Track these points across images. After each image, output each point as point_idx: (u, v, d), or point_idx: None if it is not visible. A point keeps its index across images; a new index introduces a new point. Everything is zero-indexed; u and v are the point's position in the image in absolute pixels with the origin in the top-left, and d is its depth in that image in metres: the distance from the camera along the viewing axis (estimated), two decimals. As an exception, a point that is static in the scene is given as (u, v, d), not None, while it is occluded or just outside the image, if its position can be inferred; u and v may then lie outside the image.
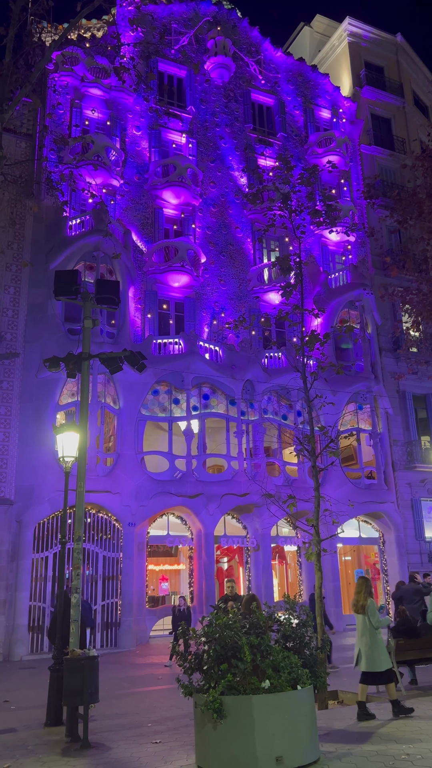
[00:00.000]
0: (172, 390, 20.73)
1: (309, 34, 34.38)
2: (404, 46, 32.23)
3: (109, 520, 19.03)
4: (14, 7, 9.90)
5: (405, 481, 24.44)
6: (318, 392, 15.53)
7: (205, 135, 25.58)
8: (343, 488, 21.67)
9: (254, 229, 25.09)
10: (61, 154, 21.84)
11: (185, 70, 25.77)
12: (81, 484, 8.84)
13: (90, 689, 7.40)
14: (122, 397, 19.78)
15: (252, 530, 21.14)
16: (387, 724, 7.44)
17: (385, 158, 29.37)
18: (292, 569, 22.78)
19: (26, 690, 11.86)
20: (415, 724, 7.36)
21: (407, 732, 6.94)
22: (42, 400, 18.79)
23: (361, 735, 6.92)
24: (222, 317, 23.26)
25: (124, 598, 18.28)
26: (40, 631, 17.35)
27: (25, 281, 20.01)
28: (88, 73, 23.26)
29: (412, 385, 25.86)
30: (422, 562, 23.44)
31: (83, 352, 9.39)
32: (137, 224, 23.08)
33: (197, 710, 5.63)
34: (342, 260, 26.88)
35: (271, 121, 27.70)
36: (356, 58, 30.70)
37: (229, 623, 5.79)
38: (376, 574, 23.67)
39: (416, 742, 6.48)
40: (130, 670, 14.17)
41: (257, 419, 21.51)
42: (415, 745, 6.33)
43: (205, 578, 19.37)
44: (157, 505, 19.40)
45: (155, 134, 24.35)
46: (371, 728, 7.24)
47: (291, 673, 5.57)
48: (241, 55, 27.23)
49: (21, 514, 17.82)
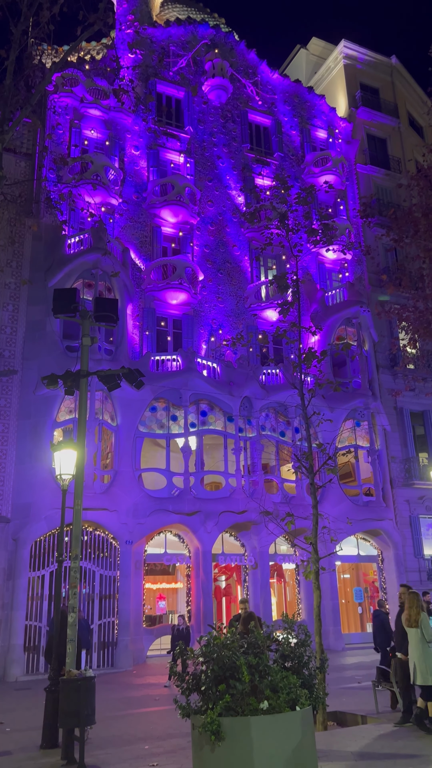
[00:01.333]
0: (170, 407, 20.73)
1: (305, 57, 34.94)
2: (399, 68, 32.77)
3: (106, 538, 18.92)
4: (15, 30, 10.08)
5: (403, 498, 24.38)
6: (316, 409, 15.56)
7: (203, 155, 25.88)
8: (341, 505, 21.60)
9: (252, 248, 25.29)
10: (60, 173, 22.07)
11: (183, 92, 26.14)
12: (78, 502, 8.81)
13: (86, 711, 7.32)
14: (120, 414, 19.78)
15: (250, 548, 21.02)
16: (387, 744, 7.36)
17: (381, 177, 29.71)
18: (291, 587, 22.62)
19: (22, 711, 11.71)
20: (414, 745, 7.28)
21: (406, 752, 6.86)
22: (40, 417, 18.77)
23: (361, 755, 6.84)
24: (220, 334, 23.35)
25: (121, 617, 18.10)
26: (36, 651, 17.15)
27: (24, 299, 20.10)
28: (87, 94, 23.58)
29: (410, 401, 25.91)
30: (421, 580, 23.30)
31: (81, 369, 9.42)
32: (136, 242, 23.25)
33: (195, 732, 5.56)
34: (339, 278, 27.08)
35: (268, 141, 28.05)
36: (352, 80, 31.18)
37: (227, 643, 5.75)
38: (375, 592, 23.50)
39: (414, 763, 6.41)
40: (127, 691, 14.00)
41: (255, 436, 21.50)
42: (414, 766, 6.26)
43: (203, 597, 19.21)
44: (155, 522, 19.30)
45: (153, 154, 24.64)
46: (371, 748, 7.15)
47: (289, 694, 5.51)
48: (238, 77, 27.65)
49: (18, 531, 17.71)
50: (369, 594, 23.71)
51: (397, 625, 9.09)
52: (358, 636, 22.34)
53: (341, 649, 20.27)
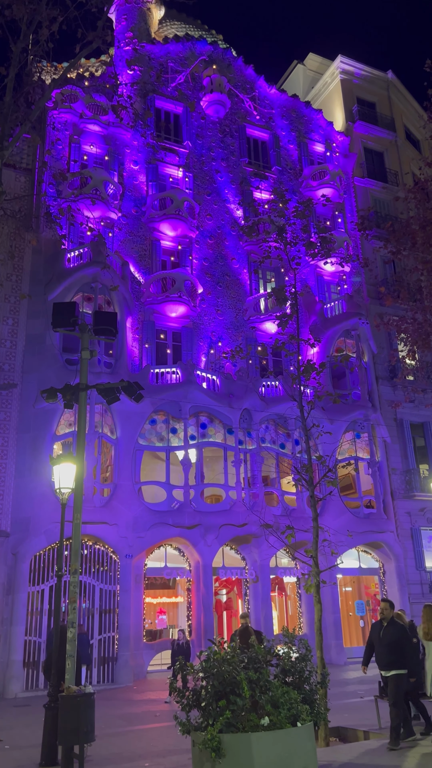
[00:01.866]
0: (169, 419, 20.72)
1: (302, 72, 35.31)
2: (395, 82, 33.11)
3: (106, 552, 18.82)
4: (15, 48, 10.20)
5: (404, 510, 24.29)
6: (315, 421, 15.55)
7: (202, 169, 26.08)
8: (342, 518, 21.51)
9: (250, 260, 25.41)
10: (59, 188, 22.23)
11: (182, 107, 26.39)
12: (77, 516, 8.78)
13: (86, 728, 7.25)
14: (119, 426, 19.76)
15: (251, 561, 20.90)
16: (390, 761, 7.28)
17: (379, 190, 29.92)
18: (292, 601, 22.47)
19: (21, 728, 11.58)
20: (418, 761, 7.20)
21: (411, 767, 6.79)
22: (39, 430, 18.75)
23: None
24: (219, 347, 23.40)
25: (121, 631, 17.97)
26: (36, 667, 17.01)
27: (23, 312, 20.16)
28: (86, 110, 23.82)
29: (410, 413, 25.89)
30: (423, 592, 23.15)
31: (80, 382, 9.44)
32: (135, 256, 23.37)
33: (195, 749, 5.51)
34: (337, 290, 27.18)
35: (266, 155, 28.28)
36: (348, 95, 31.49)
37: (227, 658, 5.71)
38: (376, 606, 23.34)
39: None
40: (127, 707, 13.86)
41: (255, 448, 21.46)
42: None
43: (204, 611, 19.08)
44: (155, 536, 19.21)
45: (152, 168, 24.83)
46: (374, 765, 7.07)
47: (290, 710, 5.47)
48: (236, 92, 27.93)
49: (17, 546, 17.62)
50: (371, 607, 23.55)
51: (374, 638, 8.88)
52: (360, 650, 22.13)
53: (343, 663, 20.10)
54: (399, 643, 8.46)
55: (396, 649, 8.42)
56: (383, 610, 8.82)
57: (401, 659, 8.42)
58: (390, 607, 8.85)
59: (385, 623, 8.68)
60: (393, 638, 8.51)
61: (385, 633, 8.61)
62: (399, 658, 8.41)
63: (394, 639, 8.50)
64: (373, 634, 8.80)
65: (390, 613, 8.81)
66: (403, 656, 8.43)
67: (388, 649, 8.47)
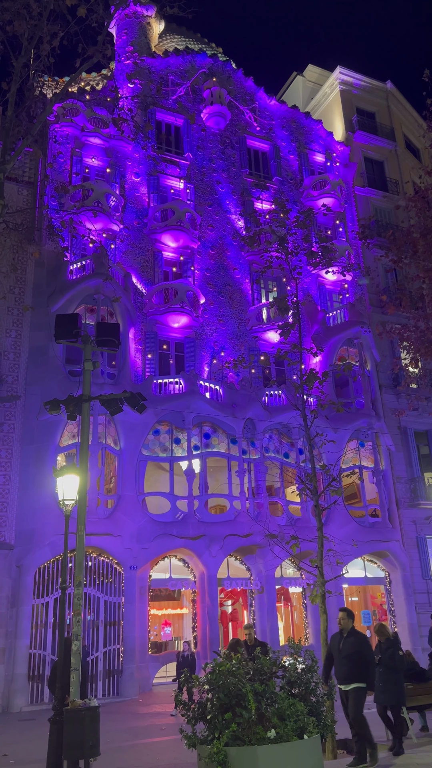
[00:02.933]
0: (173, 430, 20.70)
1: (302, 83, 35.57)
2: (394, 92, 33.32)
3: (111, 564, 18.75)
4: (16, 63, 10.30)
5: (410, 518, 24.16)
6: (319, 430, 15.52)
7: (203, 180, 26.23)
8: (347, 527, 21.40)
9: (252, 270, 25.48)
10: (61, 201, 22.37)
11: (182, 119, 26.59)
12: (81, 528, 8.76)
13: (90, 742, 7.19)
14: (123, 437, 19.75)
15: (256, 572, 20.79)
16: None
17: (379, 199, 30.02)
18: (298, 611, 22.32)
19: (25, 743, 11.49)
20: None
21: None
22: (42, 442, 18.75)
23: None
24: (222, 356, 23.41)
25: (126, 644, 17.86)
26: (41, 680, 16.90)
27: (26, 324, 20.23)
28: (88, 123, 24.01)
29: (413, 421, 25.82)
30: (430, 602, 22.98)
31: (83, 394, 9.45)
32: (137, 267, 23.46)
33: (201, 762, 5.46)
34: (339, 299, 27.21)
35: (266, 165, 28.43)
36: (348, 105, 31.69)
37: (232, 670, 5.66)
38: (383, 615, 23.16)
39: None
40: (133, 721, 13.75)
41: (259, 458, 21.41)
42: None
43: (209, 622, 18.96)
44: (159, 547, 19.14)
45: (154, 180, 24.98)
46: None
47: (297, 722, 5.42)
48: (236, 104, 28.13)
49: (21, 558, 17.57)
50: (377, 617, 23.37)
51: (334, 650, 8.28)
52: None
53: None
54: (359, 654, 7.98)
55: (356, 662, 7.95)
56: (341, 620, 8.34)
57: (361, 672, 7.93)
58: (348, 616, 8.36)
59: (345, 634, 8.22)
60: (352, 650, 8.01)
61: (345, 644, 8.11)
62: (359, 670, 7.94)
63: (353, 650, 8.00)
64: (333, 646, 8.32)
65: (348, 623, 8.31)
66: (364, 669, 7.94)
67: (348, 661, 7.99)
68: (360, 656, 7.94)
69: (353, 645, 8.02)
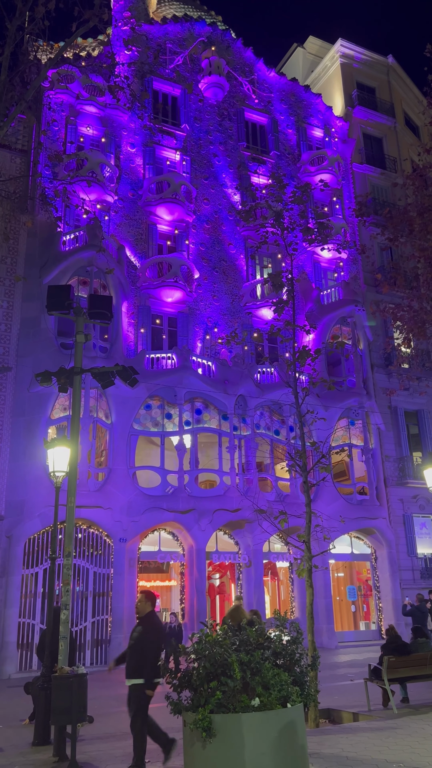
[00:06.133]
0: (164, 405, 20.72)
1: (302, 55, 34.91)
2: (395, 67, 32.78)
3: (100, 536, 18.90)
4: (10, 26, 10.04)
5: (397, 497, 24.44)
6: (310, 408, 15.57)
7: (199, 152, 25.84)
8: (335, 504, 21.64)
9: (247, 246, 25.29)
10: (55, 170, 22.01)
11: (180, 89, 26.09)
12: (72, 500, 8.80)
13: (78, 708, 7.31)
14: (114, 411, 19.75)
15: (244, 546, 21.04)
16: (379, 742, 7.39)
17: (377, 177, 29.74)
18: (285, 586, 22.66)
19: (14, 708, 11.69)
20: (405, 742, 7.31)
21: (397, 750, 6.89)
22: (34, 414, 18.73)
23: (351, 754, 6.87)
24: (215, 332, 23.35)
25: (115, 614, 18.11)
26: (30, 648, 17.15)
27: (18, 295, 20.05)
28: (83, 90, 23.51)
29: (404, 401, 25.96)
30: (414, 579, 23.38)
31: (75, 366, 9.41)
32: (131, 240, 23.22)
33: (186, 729, 5.57)
34: (334, 277, 27.10)
35: (264, 139, 28.03)
36: (348, 79, 31.18)
37: (219, 640, 5.76)
38: (368, 591, 23.56)
39: (405, 760, 6.44)
40: (120, 689, 13.96)
41: (249, 434, 21.51)
42: (405, 763, 6.29)
43: (197, 595, 19.23)
44: (149, 520, 19.30)
45: (149, 151, 24.59)
46: (362, 746, 7.18)
47: (281, 691, 5.53)
48: (234, 75, 27.61)
49: (11, 529, 17.68)
50: (362, 592, 23.78)
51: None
52: (351, 634, 22.41)
53: (334, 647, 20.32)
54: (141, 645, 6.84)
55: (137, 653, 6.85)
56: (137, 603, 7.23)
57: (140, 666, 6.79)
58: (145, 599, 7.15)
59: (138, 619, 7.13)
60: (135, 639, 6.93)
61: (132, 632, 7.06)
62: (138, 664, 6.82)
63: (136, 641, 6.91)
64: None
65: (144, 606, 7.07)
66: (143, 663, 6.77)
67: (131, 651, 6.94)
68: (141, 647, 6.83)
69: (139, 633, 6.94)
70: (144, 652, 6.79)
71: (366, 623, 23.22)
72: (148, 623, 7.00)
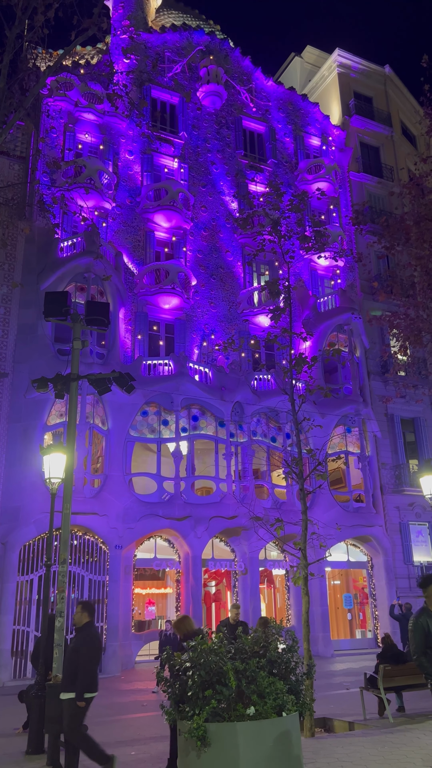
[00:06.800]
0: (161, 411, 20.71)
1: (299, 64, 35.15)
2: (392, 77, 33.02)
3: (96, 543, 18.84)
4: (10, 34, 10.08)
5: (393, 504, 24.44)
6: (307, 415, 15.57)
7: (197, 160, 25.96)
8: (331, 511, 21.62)
9: (244, 253, 25.36)
10: (53, 176, 22.07)
11: (178, 97, 26.22)
12: (67, 506, 8.78)
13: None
14: (111, 418, 19.73)
15: (240, 553, 20.99)
16: (375, 751, 7.36)
17: (374, 185, 29.89)
18: (281, 593, 22.60)
19: (8, 717, 11.61)
20: (401, 752, 7.28)
21: (393, 759, 6.86)
22: (30, 420, 18.69)
23: (346, 763, 6.83)
24: (212, 339, 23.37)
25: (110, 622, 18.02)
26: (24, 656, 17.04)
27: (15, 301, 20.05)
28: (82, 98, 23.61)
29: (400, 408, 26.00)
30: (410, 586, 23.33)
31: (72, 372, 9.40)
32: (129, 246, 23.27)
33: (181, 738, 5.54)
34: (331, 285, 27.18)
35: (261, 147, 28.17)
36: (345, 88, 31.39)
37: (214, 648, 5.74)
38: (364, 599, 23.51)
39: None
40: (115, 697, 13.93)
41: (246, 441, 21.50)
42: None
43: (193, 602, 19.16)
44: (145, 527, 19.25)
45: (147, 159, 24.69)
46: (358, 756, 7.15)
47: (276, 700, 5.50)
48: (233, 84, 27.78)
49: (6, 535, 17.61)
50: (359, 600, 23.73)
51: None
52: (348, 642, 22.34)
53: (330, 656, 20.25)
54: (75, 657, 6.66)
55: (71, 666, 6.65)
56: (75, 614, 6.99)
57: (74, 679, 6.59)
58: (82, 609, 6.91)
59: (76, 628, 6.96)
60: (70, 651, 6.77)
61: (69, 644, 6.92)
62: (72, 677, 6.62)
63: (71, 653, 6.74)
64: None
65: (81, 618, 6.86)
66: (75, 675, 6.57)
67: (66, 664, 6.76)
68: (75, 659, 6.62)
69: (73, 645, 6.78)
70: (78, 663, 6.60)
71: (362, 631, 23.16)
72: (83, 635, 6.82)
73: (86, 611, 6.89)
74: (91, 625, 6.90)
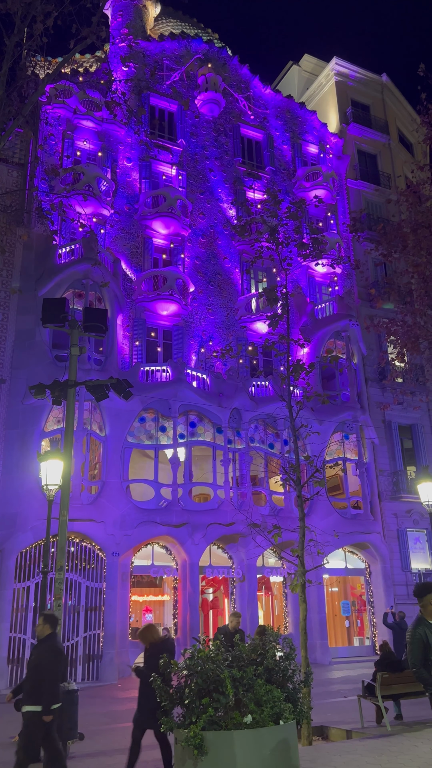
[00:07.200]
0: (159, 417, 20.69)
1: (297, 73, 35.37)
2: (389, 85, 33.24)
3: (93, 550, 18.77)
4: (9, 42, 10.14)
5: (391, 511, 24.41)
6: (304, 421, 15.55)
7: (195, 167, 26.06)
8: (329, 518, 21.58)
9: (242, 260, 25.43)
10: (52, 183, 22.14)
11: (176, 105, 26.35)
12: (64, 513, 8.76)
13: (68, 725, 7.23)
14: (108, 424, 19.71)
15: (237, 561, 20.93)
16: (372, 760, 7.32)
17: (371, 193, 30.02)
18: (278, 600, 22.52)
19: (3, 725, 11.53)
20: (399, 760, 7.24)
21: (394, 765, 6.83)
22: (27, 426, 18.67)
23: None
24: (210, 346, 23.40)
25: (107, 629, 17.94)
26: (20, 663, 16.94)
27: (13, 308, 20.07)
28: (80, 105, 23.72)
29: (398, 415, 26.02)
30: (408, 593, 23.27)
31: (69, 379, 9.41)
32: (127, 253, 23.32)
33: (178, 746, 5.52)
34: (328, 291, 27.26)
35: (259, 155, 28.31)
36: (343, 97, 31.58)
37: (211, 656, 5.72)
38: (362, 606, 23.44)
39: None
40: (112, 705, 13.85)
41: (244, 448, 21.48)
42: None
43: (190, 609, 19.08)
44: (142, 534, 19.19)
45: (146, 166, 24.78)
46: (355, 764, 7.11)
47: (273, 708, 5.48)
48: (231, 91, 27.93)
49: (3, 542, 17.54)
50: (356, 607, 23.66)
51: None
52: (345, 650, 22.26)
53: (328, 663, 20.17)
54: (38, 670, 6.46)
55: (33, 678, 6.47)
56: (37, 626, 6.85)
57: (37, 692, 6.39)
58: (44, 621, 6.79)
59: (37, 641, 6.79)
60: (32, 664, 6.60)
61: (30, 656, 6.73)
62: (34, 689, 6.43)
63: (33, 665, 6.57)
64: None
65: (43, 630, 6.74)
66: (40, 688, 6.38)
67: (27, 676, 6.62)
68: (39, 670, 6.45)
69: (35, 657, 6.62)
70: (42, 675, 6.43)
71: (360, 639, 23.08)
72: (44, 647, 6.66)
73: (48, 623, 6.74)
74: (53, 637, 6.74)
